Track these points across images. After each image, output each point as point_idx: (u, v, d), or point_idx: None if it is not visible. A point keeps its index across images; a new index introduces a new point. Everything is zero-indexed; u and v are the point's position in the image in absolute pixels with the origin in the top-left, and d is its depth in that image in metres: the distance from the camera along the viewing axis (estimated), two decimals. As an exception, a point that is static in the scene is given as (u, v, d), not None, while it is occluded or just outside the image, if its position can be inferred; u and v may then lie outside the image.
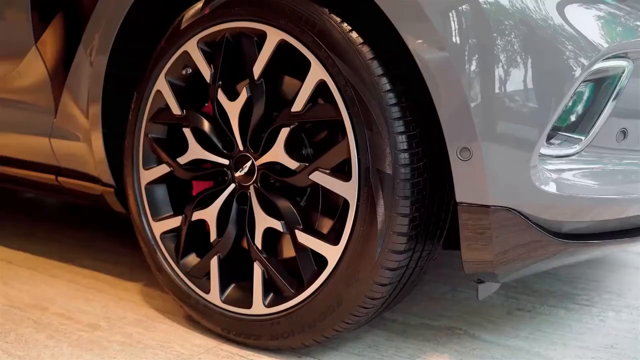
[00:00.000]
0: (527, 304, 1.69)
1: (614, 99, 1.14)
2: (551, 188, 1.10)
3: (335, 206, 1.37)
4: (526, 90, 1.07)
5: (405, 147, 1.14)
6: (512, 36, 1.06)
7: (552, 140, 1.14)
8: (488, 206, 1.10)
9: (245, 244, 1.43)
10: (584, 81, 1.10)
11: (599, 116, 1.15)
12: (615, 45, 1.11)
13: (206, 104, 1.50)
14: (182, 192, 1.56)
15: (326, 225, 1.36)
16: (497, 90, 1.06)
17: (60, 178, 1.84)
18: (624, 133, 1.20)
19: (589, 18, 1.12)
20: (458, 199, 1.12)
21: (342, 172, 1.24)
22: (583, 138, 1.16)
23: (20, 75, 1.80)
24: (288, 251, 1.41)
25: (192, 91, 1.48)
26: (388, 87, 1.15)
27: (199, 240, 1.49)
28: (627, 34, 1.14)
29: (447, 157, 1.21)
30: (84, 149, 1.69)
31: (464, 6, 1.06)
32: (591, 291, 1.80)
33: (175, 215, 1.52)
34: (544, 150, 1.11)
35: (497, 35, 1.06)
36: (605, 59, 1.10)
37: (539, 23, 1.07)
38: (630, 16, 1.20)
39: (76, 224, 2.57)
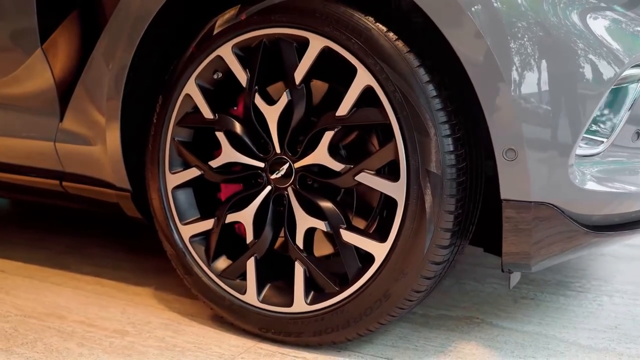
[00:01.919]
0: (528, 292, 1.84)
1: (633, 103, 1.29)
2: (585, 184, 1.23)
3: (368, 206, 1.46)
4: (566, 96, 1.19)
5: (452, 149, 1.24)
6: (553, 47, 1.18)
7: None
8: (530, 202, 1.21)
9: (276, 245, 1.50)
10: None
11: (621, 119, 1.29)
12: (637, 55, 1.25)
13: (235, 108, 1.54)
14: (205, 195, 1.60)
15: (359, 224, 1.44)
16: (541, 96, 1.17)
17: (65, 183, 1.82)
18: (638, 134, 1.35)
19: (614, 30, 1.25)
20: (503, 196, 1.22)
21: (381, 172, 1.33)
22: (605, 139, 1.29)
23: (19, 80, 1.78)
24: (318, 250, 1.48)
25: (221, 95, 1.52)
26: (434, 92, 1.24)
27: (228, 242, 1.54)
28: (644, 44, 1.28)
29: (482, 157, 1.33)
30: (97, 152, 1.69)
31: (509, 15, 1.17)
32: (581, 279, 1.97)
33: (203, 218, 1.55)
34: (577, 151, 1.23)
35: (540, 45, 1.17)
36: (632, 67, 1.24)
37: (578, 35, 1.19)
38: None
39: (58, 229, 2.52)
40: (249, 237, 1.47)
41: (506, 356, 1.42)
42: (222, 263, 1.54)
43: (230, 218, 1.49)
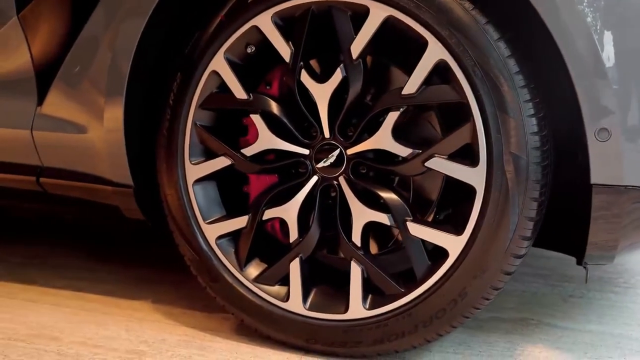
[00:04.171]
0: (575, 290, 1.95)
1: None
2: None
3: (423, 196, 1.51)
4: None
5: (536, 130, 1.31)
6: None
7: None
8: (622, 186, 1.30)
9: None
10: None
11: None
12: None
13: (268, 87, 1.55)
14: (228, 189, 1.61)
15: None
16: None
17: (43, 180, 1.77)
18: None
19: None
20: (593, 180, 1.30)
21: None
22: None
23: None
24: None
25: (251, 72, 1.53)
26: (517, 68, 1.30)
27: (260, 243, 1.55)
28: None
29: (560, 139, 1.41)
30: (91, 141, 1.65)
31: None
32: (622, 274, 2.10)
33: (230, 216, 1.55)
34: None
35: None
36: None
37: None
38: None
39: (5, 237, 2.43)
40: (293, 236, 1.48)
41: (581, 357, 1.51)
42: (256, 267, 1.55)
43: (269, 214, 1.50)
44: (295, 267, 1.48)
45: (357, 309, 1.44)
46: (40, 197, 1.80)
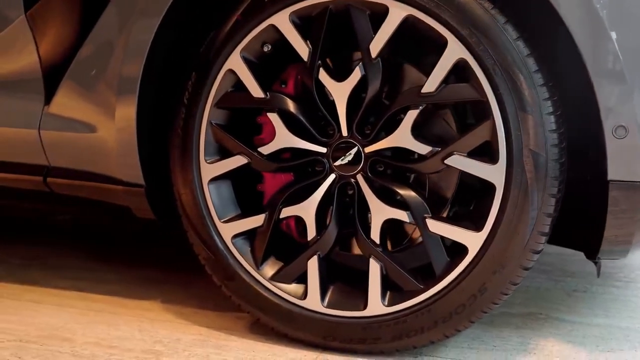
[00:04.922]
0: (577, 285, 1.99)
1: None
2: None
3: (438, 194, 1.53)
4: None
5: (554, 128, 1.34)
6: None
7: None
8: (638, 182, 1.33)
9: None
10: None
11: None
12: None
13: (283, 85, 1.56)
14: (241, 188, 1.61)
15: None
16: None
17: (50, 180, 1.75)
18: None
19: None
20: (610, 177, 1.34)
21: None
22: None
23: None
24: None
25: (266, 70, 1.53)
26: (535, 67, 1.33)
27: (275, 241, 1.56)
28: None
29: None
30: (101, 140, 1.64)
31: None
32: (622, 269, 2.15)
33: (246, 214, 1.56)
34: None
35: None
36: None
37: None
38: None
39: (5, 240, 2.42)
40: (311, 234, 1.50)
41: (593, 350, 1.55)
42: (272, 266, 1.56)
43: (286, 212, 1.51)
44: (313, 265, 1.50)
45: (376, 305, 1.46)
46: (44, 197, 1.78)
